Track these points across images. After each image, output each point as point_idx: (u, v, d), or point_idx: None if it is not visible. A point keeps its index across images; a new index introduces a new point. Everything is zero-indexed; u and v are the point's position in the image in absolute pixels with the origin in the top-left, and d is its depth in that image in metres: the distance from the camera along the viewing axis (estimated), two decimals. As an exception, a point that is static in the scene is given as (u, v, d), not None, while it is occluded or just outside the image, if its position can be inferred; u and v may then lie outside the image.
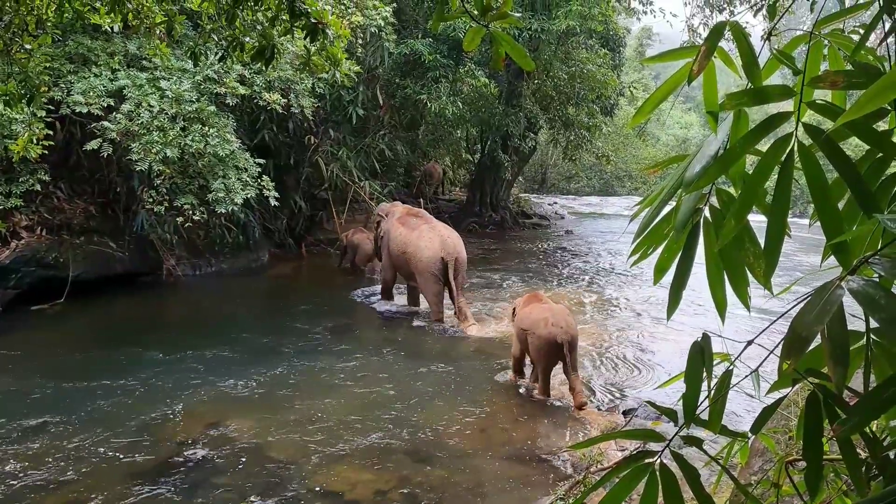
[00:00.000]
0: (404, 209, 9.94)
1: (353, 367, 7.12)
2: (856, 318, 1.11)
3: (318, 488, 4.67)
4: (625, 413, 6.05)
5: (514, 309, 6.75)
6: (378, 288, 10.26)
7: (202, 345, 7.73)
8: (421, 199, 16.20)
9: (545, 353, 6.08)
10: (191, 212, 9.15)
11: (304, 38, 3.83)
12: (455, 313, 8.79)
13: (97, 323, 8.91)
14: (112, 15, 4.36)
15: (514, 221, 18.85)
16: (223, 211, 9.16)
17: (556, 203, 24.91)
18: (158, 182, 8.91)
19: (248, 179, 9.43)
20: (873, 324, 1.07)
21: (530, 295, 6.82)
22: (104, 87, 8.79)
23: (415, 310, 9.49)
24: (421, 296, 9.32)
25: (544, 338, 6.01)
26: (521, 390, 6.55)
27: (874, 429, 1.33)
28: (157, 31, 4.59)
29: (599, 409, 6.20)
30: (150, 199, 9.05)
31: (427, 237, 8.87)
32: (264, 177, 9.76)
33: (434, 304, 8.90)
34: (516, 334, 6.49)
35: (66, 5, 4.36)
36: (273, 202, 9.92)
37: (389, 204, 10.60)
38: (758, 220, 1.23)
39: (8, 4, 4.27)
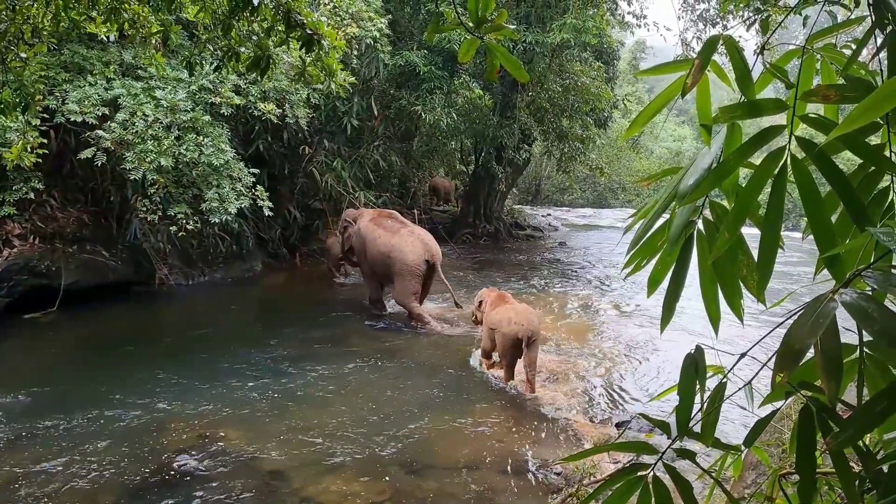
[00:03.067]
0: (374, 212, 10.18)
1: (345, 376, 7.10)
2: (849, 331, 1.11)
3: (310, 499, 4.63)
4: (618, 425, 6.05)
5: (480, 302, 7.42)
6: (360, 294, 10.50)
7: (194, 354, 7.69)
8: (415, 210, 16.23)
9: (509, 348, 6.70)
10: (184, 221, 9.13)
11: (300, 49, 3.85)
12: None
13: (89, 332, 8.86)
14: (108, 24, 4.37)
15: (508, 233, 18.89)
16: (217, 220, 9.14)
17: (549, 215, 25.00)
18: (152, 191, 8.89)
19: (242, 189, 9.41)
20: (866, 337, 1.07)
21: (498, 295, 7.34)
22: (99, 96, 8.79)
23: (410, 321, 9.48)
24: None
25: (508, 334, 6.65)
26: (513, 390, 6.55)
27: (867, 442, 1.33)
28: (153, 41, 4.61)
29: (592, 421, 6.19)
30: (144, 208, 9.03)
31: (409, 241, 9.20)
32: (258, 186, 9.75)
33: (409, 303, 9.19)
34: (486, 332, 7.12)
35: (63, 15, 4.36)
36: (267, 212, 9.91)
37: (355, 210, 10.77)
38: (751, 233, 1.23)
39: (4, 13, 4.27)
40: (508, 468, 5.19)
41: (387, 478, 4.96)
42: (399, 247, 9.13)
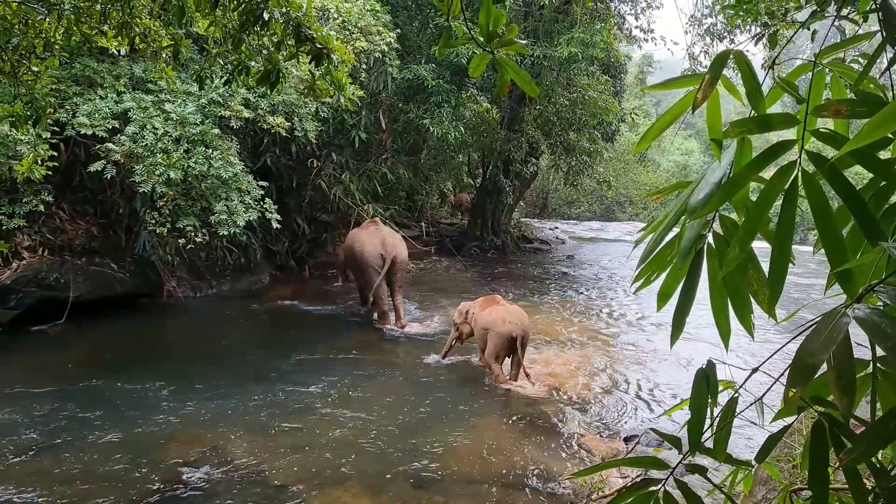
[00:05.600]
0: (368, 222, 10.90)
1: (352, 389, 7.09)
2: (861, 346, 1.10)
3: (316, 514, 4.62)
4: (626, 439, 6.01)
5: (467, 311, 7.67)
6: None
7: (201, 367, 7.69)
8: (423, 223, 16.25)
9: (502, 347, 7.08)
10: (193, 234, 9.16)
11: (309, 63, 3.87)
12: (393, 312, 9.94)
13: (97, 344, 8.87)
14: (119, 38, 4.40)
15: (516, 246, 18.87)
16: (225, 233, 9.17)
17: (557, 228, 24.99)
18: (161, 204, 8.93)
19: (250, 202, 9.45)
20: (879, 352, 1.07)
21: (489, 297, 7.73)
22: (109, 109, 8.85)
23: (417, 331, 9.49)
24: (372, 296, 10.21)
25: (503, 333, 7.00)
26: (518, 401, 6.52)
27: (881, 458, 1.32)
28: (164, 55, 4.63)
29: (601, 435, 6.15)
30: (153, 221, 9.06)
31: (370, 236, 9.98)
32: (266, 199, 9.79)
33: (364, 292, 10.19)
34: (479, 334, 7.39)
35: (74, 29, 4.41)
36: (275, 224, 9.94)
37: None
38: (761, 247, 1.23)
39: (17, 27, 4.32)
40: (516, 482, 5.16)
41: (392, 491, 4.94)
42: (360, 241, 9.94)
